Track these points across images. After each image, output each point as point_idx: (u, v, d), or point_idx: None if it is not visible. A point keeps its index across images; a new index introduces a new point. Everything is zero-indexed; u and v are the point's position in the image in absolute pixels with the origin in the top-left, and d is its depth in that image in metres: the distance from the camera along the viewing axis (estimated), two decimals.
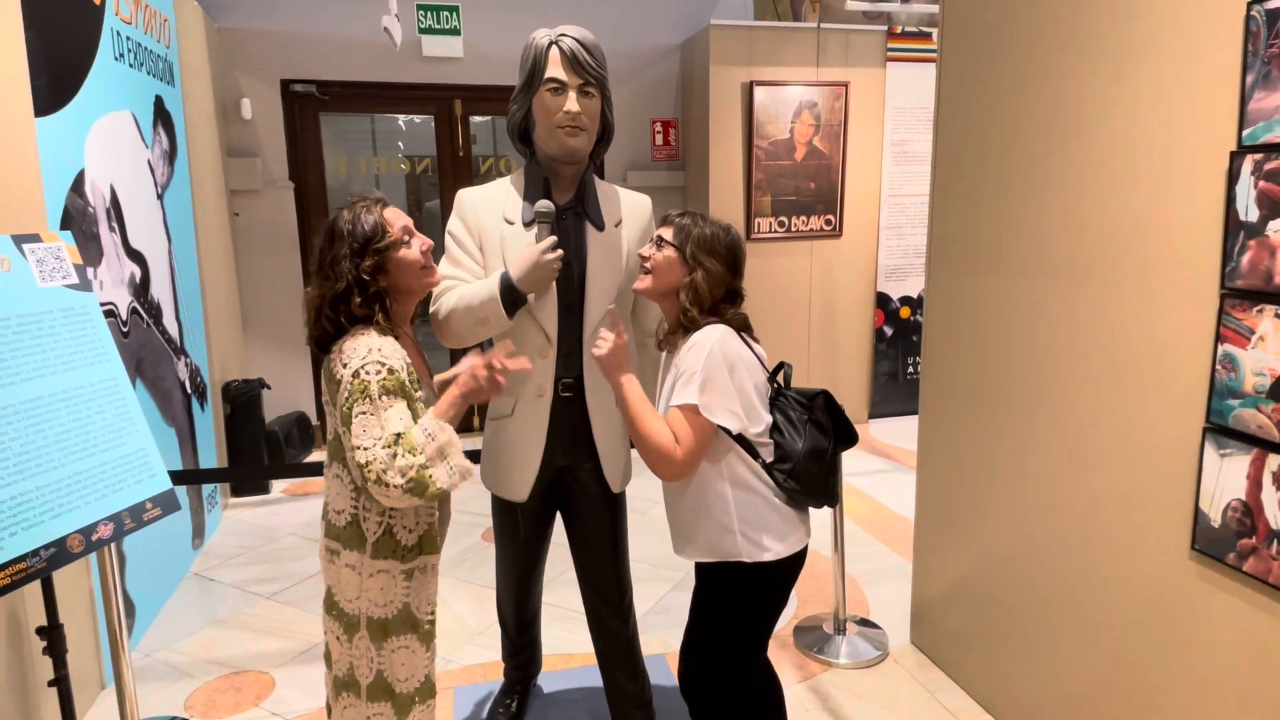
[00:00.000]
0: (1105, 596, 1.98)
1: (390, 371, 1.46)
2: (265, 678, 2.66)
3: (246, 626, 2.99)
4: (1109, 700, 1.99)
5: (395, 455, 1.40)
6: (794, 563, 1.74)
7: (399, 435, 1.42)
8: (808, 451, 1.69)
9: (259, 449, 4.37)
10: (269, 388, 4.53)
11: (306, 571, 3.43)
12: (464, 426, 5.40)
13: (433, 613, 1.63)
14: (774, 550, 1.68)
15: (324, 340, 1.57)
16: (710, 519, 1.69)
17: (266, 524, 3.96)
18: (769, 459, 1.70)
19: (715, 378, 1.61)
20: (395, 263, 1.55)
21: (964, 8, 2.39)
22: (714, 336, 1.64)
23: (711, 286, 1.69)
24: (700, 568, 1.79)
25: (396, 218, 1.58)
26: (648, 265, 1.74)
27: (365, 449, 1.41)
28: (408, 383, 1.49)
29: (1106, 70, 1.89)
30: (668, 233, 1.73)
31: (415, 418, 1.49)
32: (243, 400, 4.26)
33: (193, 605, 3.16)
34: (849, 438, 1.79)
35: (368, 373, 1.44)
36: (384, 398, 1.44)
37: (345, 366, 1.47)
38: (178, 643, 2.88)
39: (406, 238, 1.58)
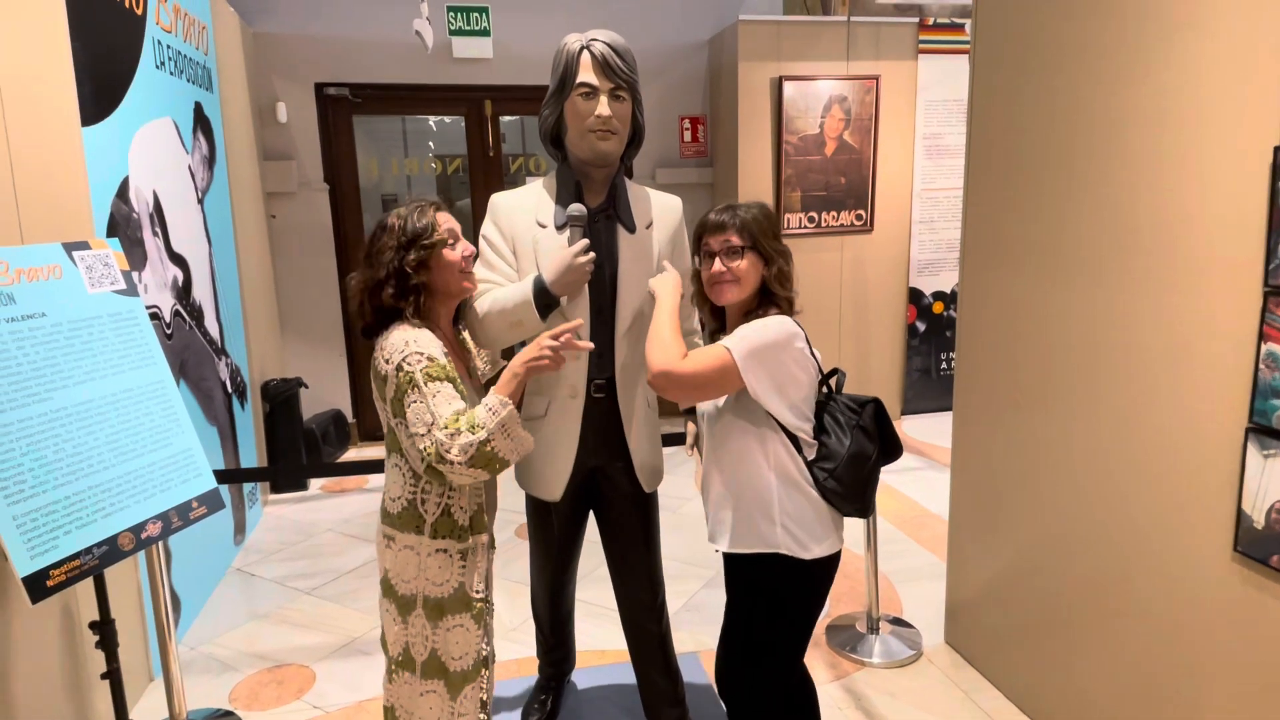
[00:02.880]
0: (1144, 598, 1.95)
1: (430, 359, 1.52)
2: (306, 671, 2.72)
3: (287, 621, 3.06)
4: (1147, 703, 1.97)
5: (455, 434, 1.47)
6: (830, 564, 1.75)
7: (458, 414, 1.49)
8: (852, 455, 1.69)
9: (297, 446, 4.46)
10: (306, 386, 4.62)
11: (345, 567, 3.50)
12: None
13: (483, 591, 1.68)
14: (812, 549, 1.69)
15: (369, 329, 1.64)
16: (755, 509, 1.70)
17: (305, 520, 4.04)
18: (811, 457, 1.71)
19: (772, 347, 1.62)
20: (437, 260, 1.62)
21: None
22: (788, 321, 1.67)
23: (788, 263, 1.73)
24: (734, 563, 1.80)
25: (446, 220, 1.65)
26: (728, 277, 1.69)
27: (421, 435, 1.49)
28: (449, 367, 1.55)
29: (1146, 63, 1.86)
30: (734, 238, 1.69)
31: (462, 397, 1.55)
32: (281, 399, 4.35)
33: (235, 600, 3.24)
34: (894, 450, 1.78)
35: (410, 364, 1.51)
36: (430, 384, 1.51)
37: (389, 362, 1.54)
38: (221, 636, 2.95)
39: (451, 240, 1.64)
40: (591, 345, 1.65)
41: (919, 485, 4.25)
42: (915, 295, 5.32)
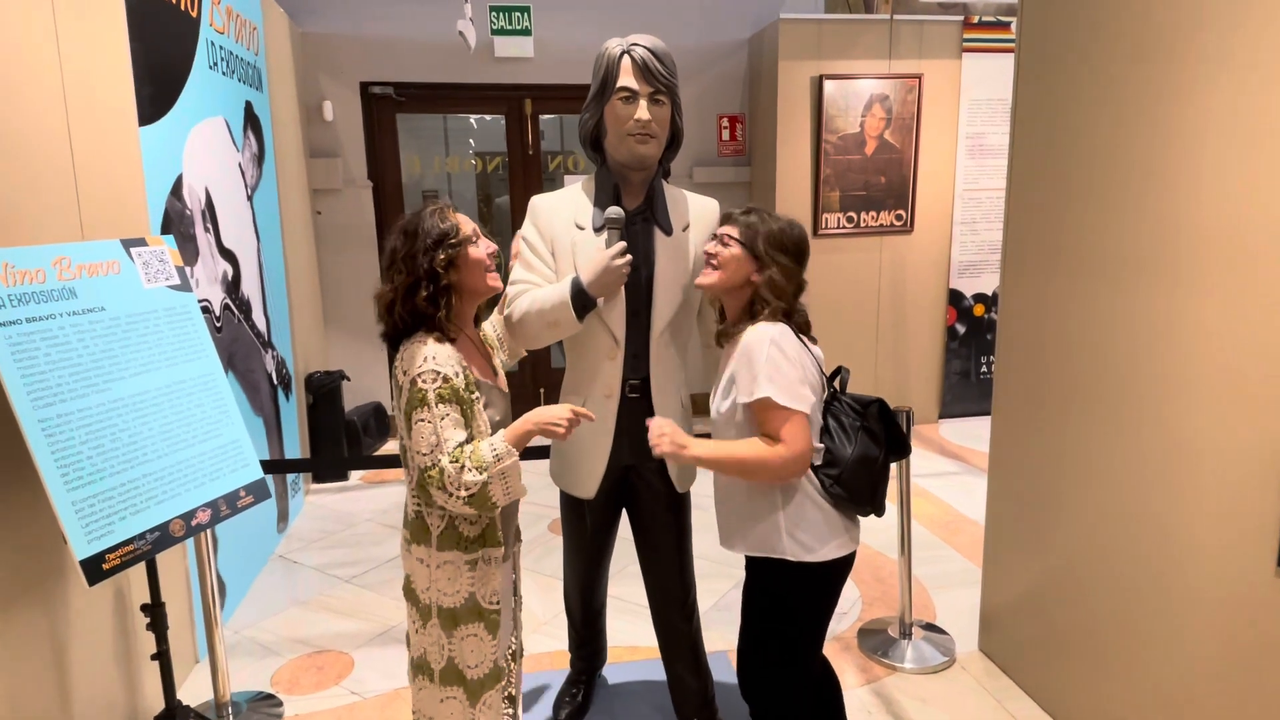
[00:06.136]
0: (1185, 612, 1.92)
1: (445, 380, 1.55)
2: (345, 658, 2.79)
3: (327, 608, 3.14)
4: (1186, 719, 1.93)
5: (462, 468, 1.51)
6: (840, 566, 1.75)
7: (461, 446, 1.53)
8: (857, 458, 1.69)
9: (339, 437, 4.56)
10: (348, 379, 4.72)
11: (383, 556, 3.58)
12: None
13: (498, 602, 1.70)
14: (819, 552, 1.70)
15: (394, 336, 1.66)
16: (758, 516, 1.71)
17: (345, 510, 4.14)
18: (817, 462, 1.71)
19: (781, 367, 1.63)
20: (464, 259, 1.63)
21: None
22: (771, 331, 1.66)
23: (788, 280, 1.72)
24: (750, 563, 1.82)
25: (465, 221, 1.67)
26: (714, 261, 1.75)
27: (424, 454, 1.53)
28: (462, 389, 1.58)
29: (1201, 60, 1.82)
30: (733, 230, 1.74)
31: (471, 419, 1.59)
32: (324, 391, 4.45)
33: (278, 586, 3.34)
34: (901, 448, 1.78)
35: (424, 381, 1.54)
36: (440, 405, 1.54)
37: (405, 374, 1.57)
38: (264, 621, 3.04)
39: (475, 238, 1.66)
40: (594, 417, 1.70)
41: (955, 489, 4.20)
42: (955, 297, 5.25)
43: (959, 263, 5.22)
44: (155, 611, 2.06)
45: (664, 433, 1.67)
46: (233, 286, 3.26)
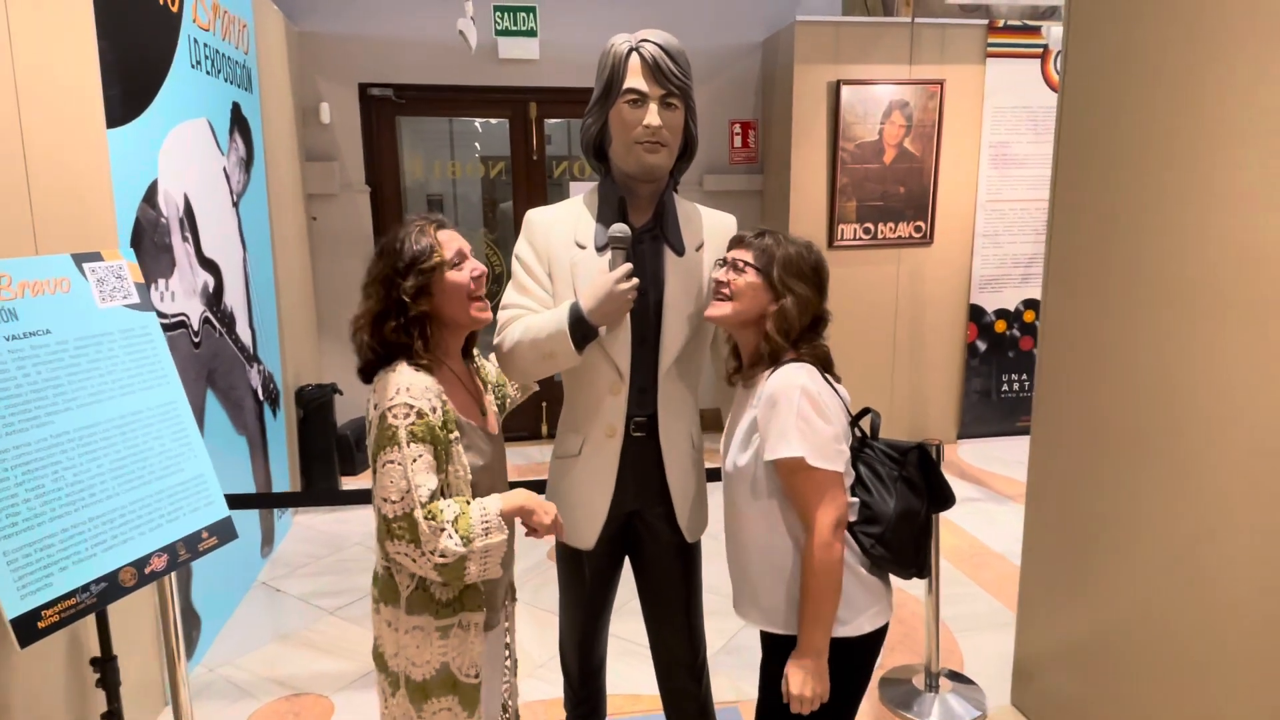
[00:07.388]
0: (1245, 669, 1.70)
1: (419, 415, 1.35)
2: (324, 702, 2.59)
3: (310, 644, 2.94)
4: None
5: (441, 530, 1.32)
6: (875, 638, 1.55)
7: (435, 498, 1.35)
8: (900, 513, 1.49)
9: (330, 453, 4.37)
10: (341, 393, 4.53)
11: (370, 585, 3.38)
12: (532, 434, 5.30)
13: (477, 675, 1.50)
14: (852, 624, 1.49)
15: (369, 369, 1.47)
16: (779, 584, 1.51)
17: (335, 532, 3.94)
18: (852, 518, 1.50)
19: (813, 422, 1.43)
20: (440, 285, 1.44)
21: None
22: (799, 377, 1.46)
23: (801, 313, 1.52)
24: (766, 636, 1.61)
25: (451, 240, 1.48)
26: (726, 291, 1.56)
27: (394, 502, 1.33)
28: (438, 427, 1.38)
29: (1267, 66, 1.61)
30: (747, 255, 1.55)
31: (446, 462, 1.40)
32: (315, 405, 4.26)
33: (258, 618, 3.14)
34: (944, 499, 1.57)
35: (396, 416, 1.35)
36: (412, 445, 1.35)
37: (376, 408, 1.39)
38: (242, 658, 2.84)
39: (457, 260, 1.46)
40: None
41: (978, 519, 3.98)
42: (976, 313, 5.03)
43: (980, 277, 5.00)
44: (105, 666, 1.86)
45: (800, 696, 1.45)
46: (214, 299, 3.07)
